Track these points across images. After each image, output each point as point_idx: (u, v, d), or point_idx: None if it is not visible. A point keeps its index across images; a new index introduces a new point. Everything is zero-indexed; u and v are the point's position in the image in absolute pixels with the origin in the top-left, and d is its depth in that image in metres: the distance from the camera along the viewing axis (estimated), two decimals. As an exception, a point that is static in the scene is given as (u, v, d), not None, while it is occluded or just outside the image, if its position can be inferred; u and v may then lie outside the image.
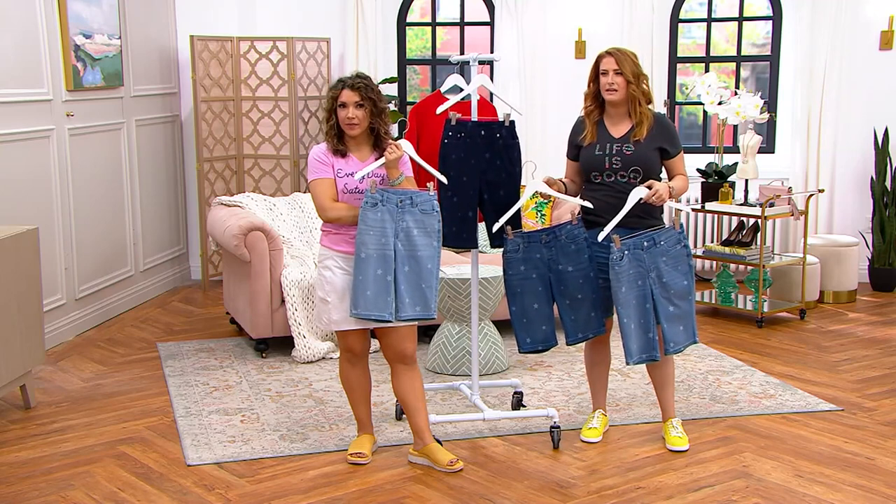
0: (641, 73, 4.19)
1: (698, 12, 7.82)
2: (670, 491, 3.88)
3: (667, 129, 4.24)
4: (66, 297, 6.10)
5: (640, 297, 4.06)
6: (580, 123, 4.34)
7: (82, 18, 6.19)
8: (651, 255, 4.07)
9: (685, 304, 4.13)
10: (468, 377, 4.93)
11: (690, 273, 4.14)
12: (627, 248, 4.05)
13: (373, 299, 3.89)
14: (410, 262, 3.94)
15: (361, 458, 4.14)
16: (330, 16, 7.64)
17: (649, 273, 4.07)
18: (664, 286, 4.09)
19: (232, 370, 5.45)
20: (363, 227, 3.90)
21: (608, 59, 4.19)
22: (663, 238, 4.09)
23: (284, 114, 7.35)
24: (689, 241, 4.18)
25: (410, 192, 3.98)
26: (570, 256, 4.18)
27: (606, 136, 4.23)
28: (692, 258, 4.17)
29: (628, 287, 4.05)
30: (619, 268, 4.04)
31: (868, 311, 6.76)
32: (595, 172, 4.23)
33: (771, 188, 6.43)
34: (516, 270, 4.22)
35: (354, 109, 3.97)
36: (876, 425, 4.58)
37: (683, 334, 4.14)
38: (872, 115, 7.32)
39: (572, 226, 4.18)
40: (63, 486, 3.96)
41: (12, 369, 4.63)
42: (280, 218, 6.24)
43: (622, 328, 4.08)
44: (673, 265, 4.09)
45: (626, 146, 4.17)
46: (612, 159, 4.18)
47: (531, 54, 7.48)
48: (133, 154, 6.91)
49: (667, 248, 4.09)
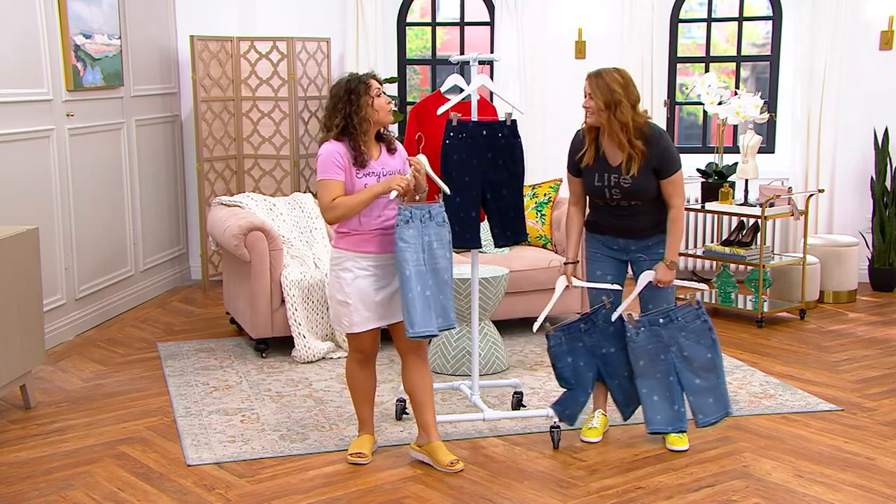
0: (622, 101, 4.04)
1: (698, 12, 7.82)
2: (670, 491, 3.88)
3: (659, 149, 4.13)
4: (66, 297, 6.10)
5: (663, 371, 4.15)
6: (580, 140, 4.30)
7: (82, 18, 6.19)
8: (669, 331, 4.13)
9: (712, 376, 4.16)
10: (468, 377, 4.93)
11: (715, 346, 4.16)
12: (643, 325, 4.12)
13: (421, 315, 3.92)
14: (433, 276, 3.99)
15: (361, 458, 4.14)
16: (330, 16, 7.64)
17: (670, 347, 4.13)
18: (687, 360, 4.14)
19: (232, 370, 5.45)
20: (402, 245, 3.91)
21: (586, 81, 4.16)
22: (680, 315, 4.14)
23: (284, 114, 7.35)
24: (707, 316, 4.19)
25: (428, 206, 4.00)
26: (611, 338, 4.28)
27: (604, 164, 4.20)
28: (714, 332, 4.18)
29: (647, 361, 4.14)
30: (634, 344, 4.14)
31: (868, 311, 6.75)
32: (597, 199, 4.29)
33: (771, 188, 6.43)
34: (565, 363, 4.30)
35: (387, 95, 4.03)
36: (876, 425, 4.57)
37: (713, 406, 4.19)
38: (872, 114, 7.32)
39: (607, 310, 4.27)
40: (63, 486, 3.96)
41: (12, 369, 4.63)
42: (280, 218, 6.24)
43: (642, 398, 4.19)
44: (695, 339, 4.14)
45: (622, 179, 4.15)
46: (612, 191, 4.20)
47: (531, 54, 7.48)
48: (133, 154, 6.91)
49: (685, 324, 4.14)
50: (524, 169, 4.37)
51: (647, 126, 4.14)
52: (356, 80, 4.00)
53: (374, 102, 3.98)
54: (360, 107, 3.96)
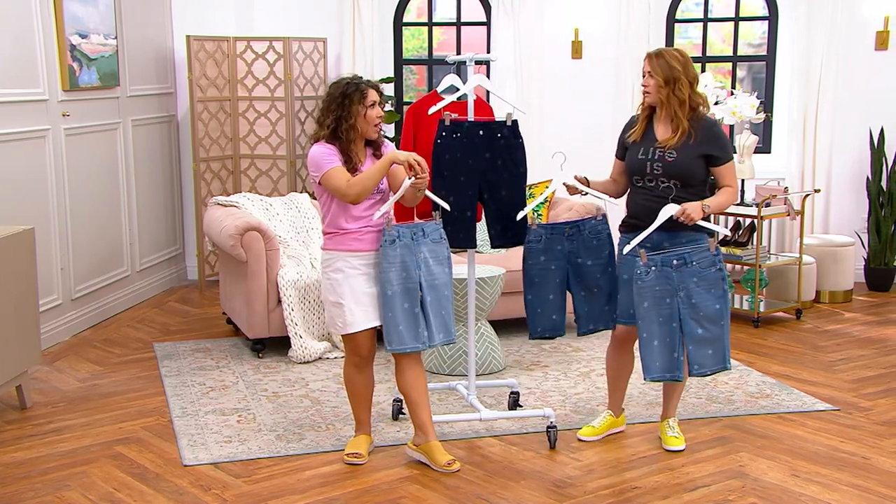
0: (680, 78, 4.07)
1: (695, 12, 7.82)
2: (666, 491, 3.89)
3: (715, 136, 4.13)
4: (63, 298, 6.10)
5: (666, 316, 4.00)
6: (633, 121, 4.30)
7: (78, 18, 6.18)
8: (681, 275, 3.99)
9: (716, 328, 4.02)
10: (465, 377, 4.93)
11: (725, 297, 4.03)
12: (655, 265, 3.99)
13: (405, 332, 3.98)
14: (431, 292, 4.03)
15: (358, 458, 4.14)
16: (326, 16, 7.64)
17: (678, 292, 3.99)
18: (693, 307, 4.00)
19: (228, 370, 5.45)
20: (385, 265, 3.96)
21: (646, 60, 4.15)
22: (696, 258, 4.00)
23: (281, 114, 7.35)
24: (724, 265, 4.06)
25: (421, 224, 4.04)
26: (592, 251, 4.23)
27: (652, 137, 4.17)
28: (727, 282, 4.07)
29: (651, 303, 4.00)
30: (642, 282, 4.00)
31: (864, 311, 6.76)
32: (637, 176, 4.20)
33: (767, 188, 6.44)
34: (536, 260, 4.26)
35: (379, 109, 4.00)
36: (872, 425, 4.58)
37: (712, 358, 4.04)
38: (868, 115, 7.32)
39: (596, 220, 4.25)
40: (59, 486, 3.95)
41: (8, 370, 4.62)
42: (276, 218, 6.23)
43: (641, 343, 4.06)
44: (706, 287, 4.00)
45: (668, 152, 4.10)
46: (654, 164, 4.12)
47: (528, 54, 7.48)
48: (129, 154, 6.90)
49: (699, 270, 3.99)
50: (526, 170, 4.35)
51: (704, 111, 4.17)
52: (353, 86, 3.98)
53: (365, 113, 3.97)
54: (351, 114, 3.96)
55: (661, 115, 4.18)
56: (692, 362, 4.05)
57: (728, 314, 4.08)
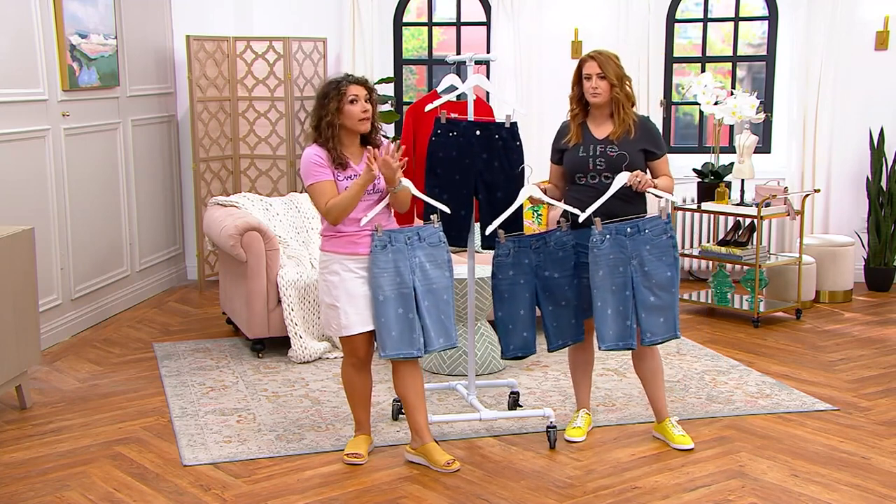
0: (625, 76, 4.20)
1: (694, 12, 7.82)
2: (666, 491, 3.89)
3: (651, 132, 4.26)
4: (62, 298, 6.10)
5: (619, 284, 4.07)
6: (565, 127, 4.36)
7: (78, 18, 6.18)
8: (634, 243, 4.07)
9: (667, 295, 4.10)
10: (465, 377, 4.93)
11: (675, 265, 4.11)
12: (609, 233, 4.06)
13: (398, 338, 3.96)
14: (429, 297, 4.02)
15: (358, 458, 4.14)
16: (326, 16, 7.64)
17: (631, 260, 4.07)
18: (646, 275, 4.08)
19: (228, 370, 5.45)
20: (376, 271, 3.95)
21: (591, 63, 4.20)
22: (648, 227, 4.08)
23: (281, 114, 7.35)
24: (675, 232, 4.17)
25: (416, 228, 4.04)
26: (557, 263, 4.22)
27: (590, 137, 4.24)
28: (678, 250, 4.15)
29: (606, 272, 4.06)
30: (598, 251, 4.06)
31: (864, 311, 6.76)
32: (579, 174, 4.25)
33: (767, 188, 6.43)
34: (505, 275, 4.26)
35: (365, 103, 3.99)
36: (872, 425, 4.58)
37: (663, 326, 4.12)
38: (868, 115, 7.33)
39: (561, 232, 4.22)
40: (59, 486, 3.96)
41: (8, 370, 4.62)
42: (276, 218, 6.24)
43: (595, 312, 4.10)
44: (657, 255, 4.08)
45: (609, 147, 4.19)
46: (597, 160, 4.20)
47: (527, 54, 7.48)
48: (129, 154, 6.90)
49: (651, 237, 4.08)
50: (524, 172, 4.36)
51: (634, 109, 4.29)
52: (333, 84, 4.02)
53: (344, 109, 3.98)
54: (329, 112, 3.99)
55: (598, 115, 4.25)
56: (644, 331, 4.12)
57: (678, 282, 4.15)
